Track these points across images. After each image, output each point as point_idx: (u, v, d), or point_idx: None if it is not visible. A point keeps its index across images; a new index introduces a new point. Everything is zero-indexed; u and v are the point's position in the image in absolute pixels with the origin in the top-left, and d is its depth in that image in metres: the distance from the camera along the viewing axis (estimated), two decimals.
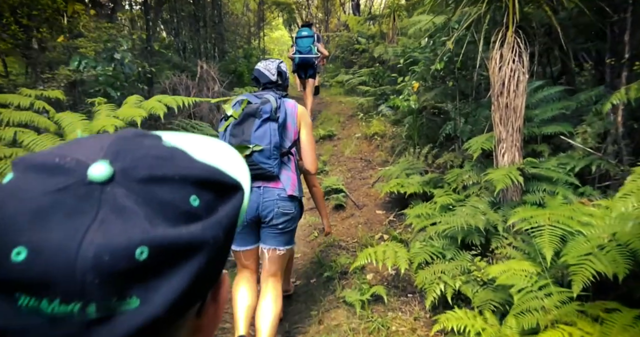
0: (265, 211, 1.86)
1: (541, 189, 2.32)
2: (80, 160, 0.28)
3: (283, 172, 1.90)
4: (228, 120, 1.89)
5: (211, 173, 0.32)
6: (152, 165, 0.29)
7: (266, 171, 1.83)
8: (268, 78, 2.06)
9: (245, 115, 1.85)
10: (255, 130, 1.82)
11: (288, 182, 1.90)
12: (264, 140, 1.81)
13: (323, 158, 5.11)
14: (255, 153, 1.80)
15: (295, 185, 1.93)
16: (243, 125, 1.84)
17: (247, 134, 1.82)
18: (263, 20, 11.33)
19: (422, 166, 3.62)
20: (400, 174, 3.62)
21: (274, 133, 1.82)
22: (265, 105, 1.85)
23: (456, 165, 3.21)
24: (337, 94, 9.17)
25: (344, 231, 3.54)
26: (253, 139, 1.81)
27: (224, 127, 1.90)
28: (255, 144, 1.80)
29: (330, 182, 4.22)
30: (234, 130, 1.85)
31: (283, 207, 1.87)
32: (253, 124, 1.83)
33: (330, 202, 4.02)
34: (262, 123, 1.83)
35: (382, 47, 6.48)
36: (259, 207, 1.86)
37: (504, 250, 2.11)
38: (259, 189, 1.86)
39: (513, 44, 2.31)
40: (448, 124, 3.47)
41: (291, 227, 1.99)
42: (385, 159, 4.78)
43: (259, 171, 1.82)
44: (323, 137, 5.87)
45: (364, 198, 4.06)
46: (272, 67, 2.08)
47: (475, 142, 2.74)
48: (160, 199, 0.28)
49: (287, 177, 1.91)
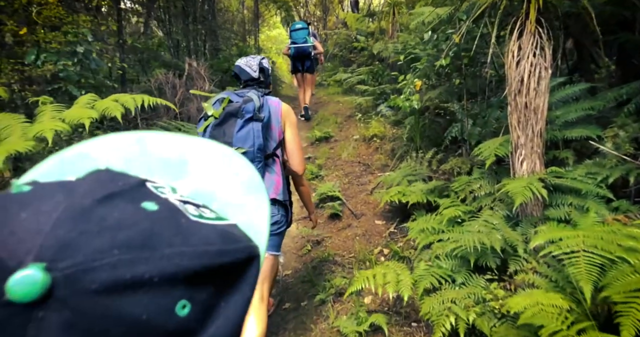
0: None
1: (566, 203, 2.01)
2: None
3: (267, 175, 1.79)
4: (208, 120, 1.74)
5: (212, 254, 0.23)
6: (118, 263, 0.20)
7: None
8: (249, 75, 1.93)
9: (226, 114, 1.72)
10: (238, 131, 1.68)
11: (271, 185, 1.78)
12: (247, 142, 1.67)
13: (319, 162, 4.79)
14: None
15: (279, 188, 1.81)
16: (224, 125, 1.71)
17: (228, 136, 1.68)
18: (258, 17, 11.00)
19: (425, 172, 3.30)
20: (402, 181, 3.30)
21: (257, 134, 1.69)
22: (248, 104, 1.72)
23: (464, 172, 2.89)
24: (335, 93, 8.85)
25: (340, 243, 3.22)
26: (235, 140, 1.66)
27: (204, 127, 1.75)
28: (237, 147, 1.65)
29: (325, 189, 3.90)
30: (214, 131, 1.71)
31: None
32: (235, 125, 1.70)
33: (325, 211, 3.70)
34: (245, 123, 1.70)
35: (381, 43, 6.16)
36: None
37: (525, 276, 1.79)
38: None
39: (534, 35, 1.98)
40: (454, 126, 3.15)
41: (277, 231, 1.83)
42: (384, 163, 4.46)
43: None
44: (319, 139, 5.55)
45: (362, 206, 3.74)
46: (253, 63, 1.95)
47: (487, 148, 2.42)
48: (126, 321, 0.19)
49: (270, 181, 1.79)
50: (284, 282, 2.86)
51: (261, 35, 20.05)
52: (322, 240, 3.31)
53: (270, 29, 20.48)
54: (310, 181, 4.40)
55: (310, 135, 5.66)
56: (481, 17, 2.59)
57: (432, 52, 3.52)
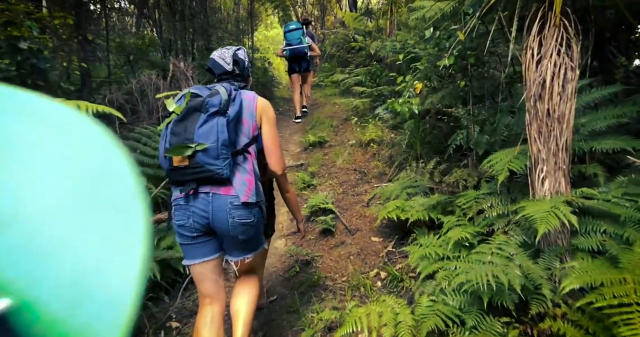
0: (219, 223, 1.61)
1: (599, 230, 1.67)
2: None
3: (237, 175, 1.63)
4: (170, 117, 1.62)
5: None
6: None
7: (214, 174, 1.55)
8: (223, 68, 1.83)
9: (189, 110, 1.59)
10: (200, 127, 1.55)
11: (242, 187, 1.62)
12: (210, 138, 1.54)
13: (312, 169, 4.45)
14: (199, 153, 1.53)
15: (252, 189, 1.64)
16: (186, 121, 1.58)
17: (189, 132, 1.55)
18: (252, 15, 10.67)
19: (426, 184, 2.97)
20: (401, 194, 2.96)
21: (222, 129, 1.55)
22: (214, 97, 1.60)
23: (470, 186, 2.56)
24: (332, 95, 8.53)
25: (332, 264, 2.88)
26: (197, 137, 1.53)
27: (165, 124, 1.63)
28: (198, 143, 1.52)
29: (318, 200, 3.56)
30: (175, 128, 1.58)
31: (239, 218, 1.62)
32: (198, 120, 1.57)
33: (316, 227, 3.36)
34: (209, 118, 1.57)
35: (379, 42, 5.83)
36: (210, 217, 1.60)
37: (554, 324, 1.46)
38: (208, 196, 1.59)
39: (559, 29, 1.65)
40: (459, 133, 2.82)
41: (254, 236, 1.72)
42: (382, 171, 4.13)
43: (205, 174, 1.54)
44: (313, 144, 5.21)
45: (357, 221, 3.40)
46: (227, 55, 1.84)
47: (499, 160, 2.08)
48: None
49: (241, 181, 1.63)
50: (268, 310, 2.52)
51: (259, 35, 19.77)
52: (312, 260, 2.97)
53: (268, 29, 20.20)
54: (301, 191, 4.06)
55: (303, 140, 5.33)
56: (491, 11, 2.26)
57: (434, 51, 3.19)
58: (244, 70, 1.88)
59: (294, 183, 4.32)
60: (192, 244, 1.66)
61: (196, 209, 1.58)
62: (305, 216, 3.59)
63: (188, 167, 1.53)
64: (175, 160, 1.54)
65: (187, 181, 1.57)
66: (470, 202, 2.36)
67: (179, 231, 1.64)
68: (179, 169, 1.54)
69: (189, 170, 1.53)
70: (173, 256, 2.67)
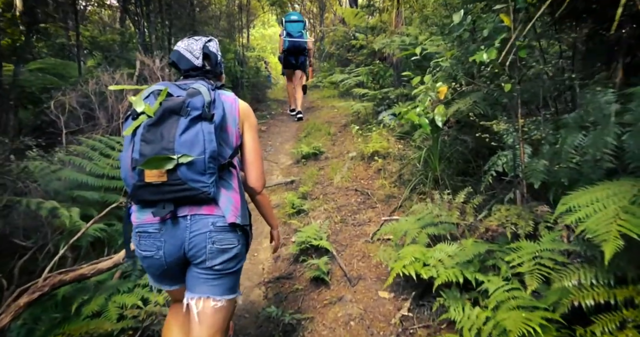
0: (194, 249, 1.33)
1: None
2: None
3: (222, 192, 1.38)
4: (138, 120, 1.30)
5: None
6: None
7: (199, 193, 1.28)
8: (190, 63, 1.53)
9: (164, 112, 1.29)
10: (182, 134, 1.26)
11: (228, 205, 1.37)
12: (195, 148, 1.26)
13: (303, 189, 3.67)
14: (183, 167, 1.25)
15: (238, 208, 1.39)
16: (162, 126, 1.28)
17: (168, 139, 1.26)
18: (242, 9, 9.92)
19: (454, 220, 2.19)
20: (419, 236, 2.19)
21: (209, 137, 1.28)
22: (195, 98, 1.32)
23: (523, 233, 1.78)
24: (330, 96, 7.77)
25: (326, 333, 2.10)
26: (178, 146, 1.25)
27: (132, 128, 1.30)
28: (181, 154, 1.24)
29: (309, 234, 2.78)
30: (147, 134, 1.28)
31: (220, 242, 1.34)
32: (177, 125, 1.28)
33: (305, 272, 2.58)
34: (191, 123, 1.28)
35: (383, 37, 5.06)
36: (185, 244, 1.32)
37: None
38: (185, 219, 1.31)
39: None
40: (501, 154, 2.04)
41: (234, 269, 1.42)
42: (389, 192, 3.35)
43: (186, 193, 1.27)
44: (306, 156, 4.43)
45: (359, 263, 2.63)
46: (195, 47, 1.54)
47: (586, 207, 1.32)
48: None
49: (227, 198, 1.38)
50: None
51: (255, 33, 19.07)
52: (298, 324, 2.20)
53: (265, 27, 19.51)
54: (289, 219, 3.28)
55: (295, 151, 4.55)
56: None
57: (465, 42, 2.42)
58: (216, 66, 1.60)
59: (280, 206, 3.54)
60: (161, 274, 1.42)
61: (169, 238, 1.31)
62: (292, 255, 2.81)
63: (165, 184, 1.25)
64: (148, 175, 1.24)
65: (162, 201, 1.28)
66: (528, 257, 1.59)
67: (144, 262, 1.38)
68: (152, 186, 1.25)
69: (167, 187, 1.25)
70: (101, 327, 1.89)
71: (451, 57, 2.51)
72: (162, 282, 1.48)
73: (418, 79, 2.39)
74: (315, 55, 11.24)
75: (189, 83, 1.44)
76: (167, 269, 1.37)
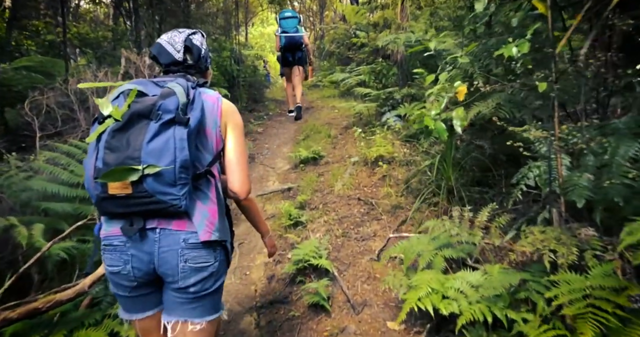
0: (165, 266, 1.20)
1: None
2: None
3: (197, 204, 1.22)
4: (104, 124, 1.18)
5: None
6: None
7: (167, 206, 1.14)
8: (171, 56, 1.38)
9: (132, 115, 1.16)
10: (150, 141, 1.13)
11: (203, 219, 1.21)
12: (164, 158, 1.13)
13: (301, 197, 3.37)
14: (149, 178, 1.12)
15: (214, 223, 1.23)
16: (128, 132, 1.16)
17: (134, 147, 1.13)
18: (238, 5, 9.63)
19: (476, 241, 1.88)
20: (434, 259, 1.88)
21: (181, 145, 1.14)
22: (168, 99, 1.18)
23: (565, 261, 1.47)
24: (330, 96, 7.46)
25: None
26: (145, 155, 1.12)
27: (96, 134, 1.18)
28: (148, 164, 1.11)
29: (307, 251, 2.47)
30: (112, 141, 1.15)
31: (194, 260, 1.20)
32: (146, 130, 1.14)
33: (304, 297, 2.28)
34: (162, 128, 1.15)
35: (387, 34, 4.74)
36: (154, 260, 1.19)
37: None
38: (154, 232, 1.18)
39: None
40: (533, 166, 1.73)
41: (211, 288, 1.26)
42: (396, 202, 3.05)
43: (154, 206, 1.14)
44: (305, 160, 4.12)
45: (364, 285, 2.32)
46: (178, 39, 1.39)
47: None
48: None
49: (201, 212, 1.22)
50: None
51: (254, 31, 18.77)
52: None
53: (264, 26, 19.24)
54: (285, 232, 2.98)
55: (293, 155, 4.24)
56: None
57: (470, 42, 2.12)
58: (200, 61, 1.45)
59: (276, 217, 3.24)
60: (131, 296, 1.27)
61: (137, 251, 1.19)
62: (288, 275, 2.51)
63: (131, 196, 1.12)
64: (111, 187, 1.12)
65: (128, 214, 1.16)
66: (579, 305, 1.28)
67: (113, 278, 1.25)
68: (117, 198, 1.13)
69: (132, 200, 1.13)
70: None
71: (466, 53, 2.20)
72: (133, 309, 1.31)
73: (431, 78, 2.08)
74: (315, 54, 10.97)
75: (168, 80, 1.31)
76: (137, 287, 1.25)
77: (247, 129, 5.63)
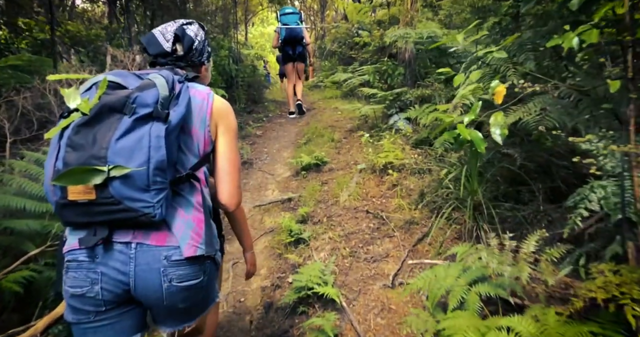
0: (144, 289, 1.03)
1: None
2: None
3: (179, 213, 1.06)
4: (69, 118, 1.00)
5: None
6: None
7: (138, 215, 0.98)
8: (159, 46, 1.25)
9: (102, 108, 1.01)
10: (120, 138, 0.98)
11: (187, 231, 1.05)
12: (136, 157, 0.97)
13: (303, 210, 3.03)
14: (116, 181, 0.96)
15: (200, 235, 1.08)
16: (96, 127, 1.00)
17: (100, 145, 0.97)
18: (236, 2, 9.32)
19: (522, 276, 1.54)
20: (467, 297, 1.54)
21: (156, 143, 0.98)
22: (146, 91, 1.03)
23: None
24: (332, 97, 7.13)
25: None
26: (112, 154, 0.97)
27: (59, 128, 1.01)
28: (114, 165, 0.96)
29: (310, 275, 2.14)
30: (76, 137, 0.99)
31: (180, 278, 1.05)
32: (117, 126, 0.99)
33: (306, 334, 1.94)
34: (136, 124, 0.99)
35: (395, 30, 4.41)
36: (129, 282, 1.02)
37: None
38: (128, 247, 1.02)
39: None
40: (597, 185, 1.40)
41: (204, 295, 1.15)
42: (410, 217, 2.71)
43: (122, 215, 0.98)
44: (306, 167, 3.79)
45: (377, 318, 1.98)
46: (170, 28, 1.27)
47: None
48: None
49: (184, 222, 1.06)
50: None
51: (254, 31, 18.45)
52: None
53: (264, 25, 18.96)
54: (285, 252, 2.64)
55: (294, 161, 3.91)
56: None
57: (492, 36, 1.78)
58: (191, 53, 1.27)
59: (275, 233, 2.90)
60: (95, 322, 1.03)
61: (107, 269, 1.00)
62: (288, 305, 2.17)
63: (94, 203, 0.95)
64: (72, 191, 0.95)
65: (92, 224, 0.99)
66: None
67: (73, 303, 1.02)
68: (79, 205, 0.96)
69: (96, 207, 0.96)
70: None
71: (498, 49, 1.87)
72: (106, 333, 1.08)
73: (461, 78, 1.75)
74: (315, 54, 10.66)
75: (152, 72, 1.14)
76: (105, 315, 1.04)
77: (246, 132, 5.30)
